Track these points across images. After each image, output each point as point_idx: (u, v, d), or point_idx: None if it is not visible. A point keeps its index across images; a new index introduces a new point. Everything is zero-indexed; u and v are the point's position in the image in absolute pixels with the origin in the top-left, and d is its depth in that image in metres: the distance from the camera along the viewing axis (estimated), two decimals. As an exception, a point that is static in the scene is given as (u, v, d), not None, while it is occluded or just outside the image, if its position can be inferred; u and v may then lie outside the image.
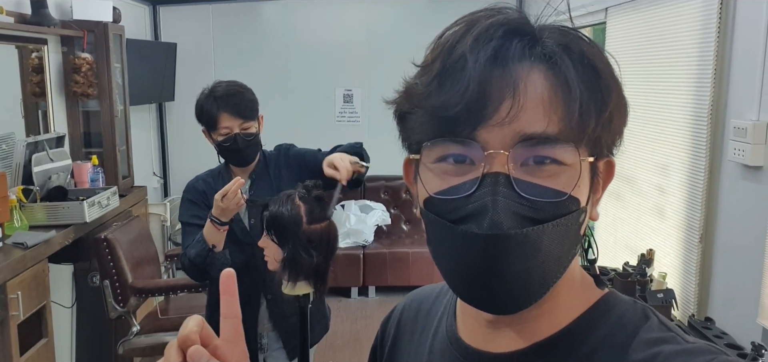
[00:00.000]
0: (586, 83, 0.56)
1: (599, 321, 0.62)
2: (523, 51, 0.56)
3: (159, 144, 5.55)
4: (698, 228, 2.60)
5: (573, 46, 0.57)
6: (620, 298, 0.65)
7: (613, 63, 0.60)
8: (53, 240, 2.93)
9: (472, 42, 0.56)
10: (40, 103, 3.60)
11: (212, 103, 2.13)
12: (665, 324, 0.61)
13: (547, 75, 0.56)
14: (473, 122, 0.55)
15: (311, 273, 1.89)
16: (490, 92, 0.55)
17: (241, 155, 2.17)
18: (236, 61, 5.36)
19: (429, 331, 0.76)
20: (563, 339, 0.62)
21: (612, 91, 0.58)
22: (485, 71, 0.55)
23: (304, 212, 1.89)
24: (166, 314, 3.32)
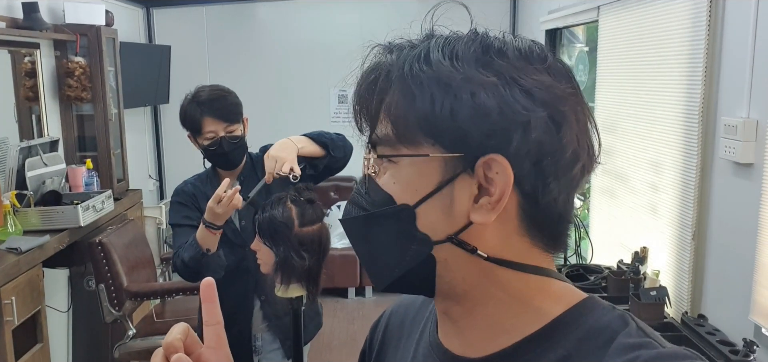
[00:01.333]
0: (405, 87, 0.61)
1: (575, 325, 0.63)
2: (373, 82, 0.66)
3: (154, 146, 5.55)
4: (691, 226, 2.61)
5: (404, 61, 0.64)
6: (599, 303, 0.65)
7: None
8: (48, 245, 2.93)
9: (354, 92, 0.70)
10: (33, 107, 3.60)
11: (196, 108, 2.14)
12: (643, 330, 0.61)
13: (381, 96, 0.63)
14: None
15: (304, 276, 1.90)
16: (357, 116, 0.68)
17: (228, 158, 2.18)
18: (231, 63, 5.36)
19: (413, 338, 0.77)
20: (537, 341, 0.63)
21: (448, 86, 0.59)
22: (356, 105, 0.68)
23: (296, 215, 1.90)
24: (162, 317, 3.33)
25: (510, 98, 0.57)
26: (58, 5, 3.78)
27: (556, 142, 0.58)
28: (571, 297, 0.65)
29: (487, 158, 0.58)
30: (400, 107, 0.60)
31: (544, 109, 0.58)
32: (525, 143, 0.57)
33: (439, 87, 0.58)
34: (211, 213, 1.98)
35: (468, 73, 0.58)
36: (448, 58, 0.59)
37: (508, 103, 0.57)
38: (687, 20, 2.67)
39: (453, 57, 0.59)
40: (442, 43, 0.62)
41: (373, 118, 0.63)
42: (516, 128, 0.57)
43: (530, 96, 0.58)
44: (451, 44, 0.61)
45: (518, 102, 0.57)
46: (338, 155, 2.17)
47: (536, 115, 0.57)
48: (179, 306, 3.50)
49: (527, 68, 0.59)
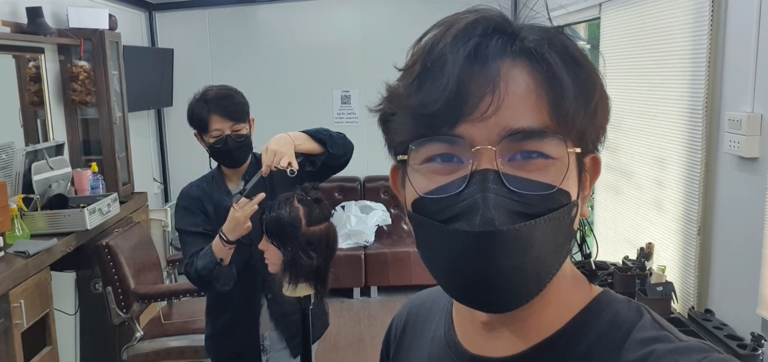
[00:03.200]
0: (572, 76, 0.56)
1: (594, 321, 0.62)
2: (504, 47, 0.56)
3: (158, 149, 5.57)
4: (696, 221, 2.61)
5: (555, 41, 0.57)
6: (614, 297, 0.64)
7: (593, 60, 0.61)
8: (55, 249, 2.94)
9: (451, 41, 0.56)
10: (38, 111, 3.62)
11: (203, 106, 2.16)
12: (658, 322, 0.61)
13: (531, 69, 0.56)
14: (453, 119, 0.55)
15: (312, 275, 1.90)
16: (469, 88, 0.55)
17: (232, 156, 2.19)
18: (233, 65, 5.38)
19: (427, 336, 0.76)
20: (559, 341, 0.62)
21: (596, 84, 0.58)
22: (464, 68, 0.55)
23: (303, 214, 1.90)
24: (170, 319, 3.34)
25: (607, 96, 0.60)
26: (62, 10, 3.79)
27: (608, 118, 0.62)
28: (586, 291, 0.65)
29: (594, 156, 0.61)
30: (563, 98, 0.56)
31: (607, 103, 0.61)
32: (603, 135, 0.61)
33: (593, 86, 0.58)
34: (231, 220, 1.99)
35: (599, 76, 0.59)
36: (583, 56, 0.59)
37: (608, 101, 0.60)
38: (690, 15, 2.67)
39: (582, 57, 0.59)
40: (568, 38, 0.60)
41: (516, 97, 0.56)
42: (605, 122, 0.61)
43: (602, 85, 0.60)
44: (571, 40, 0.59)
45: (606, 95, 0.60)
46: (337, 152, 2.17)
47: (608, 109, 0.61)
48: (186, 308, 3.51)
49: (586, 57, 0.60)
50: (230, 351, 2.27)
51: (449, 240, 0.55)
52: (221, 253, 2.04)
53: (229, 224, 2.00)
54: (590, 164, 0.62)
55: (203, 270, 2.06)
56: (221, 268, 2.07)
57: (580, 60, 0.58)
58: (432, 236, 0.58)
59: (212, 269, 2.05)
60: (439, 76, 0.56)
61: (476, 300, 0.58)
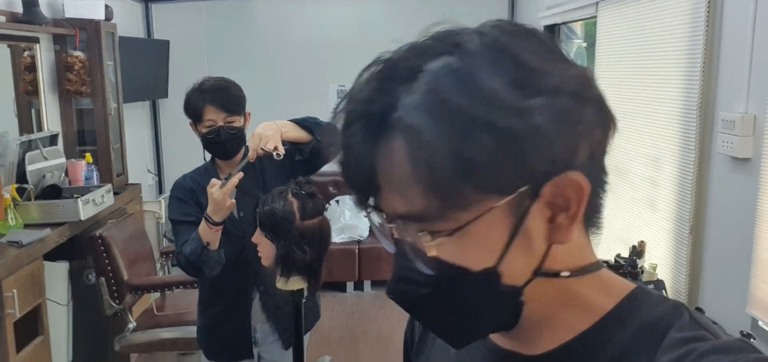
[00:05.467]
0: (450, 136, 0.50)
1: (628, 319, 0.59)
2: (371, 135, 0.54)
3: (153, 141, 5.56)
4: (688, 220, 2.62)
5: (430, 101, 0.51)
6: (649, 294, 0.61)
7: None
8: (48, 239, 2.94)
9: (342, 132, 0.56)
10: (32, 101, 3.60)
11: (198, 96, 2.17)
12: (697, 321, 0.58)
13: (404, 145, 0.52)
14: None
15: (304, 269, 1.91)
16: (354, 185, 0.56)
17: (225, 148, 2.19)
18: (229, 58, 5.36)
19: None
20: (590, 339, 0.60)
21: (490, 124, 0.50)
22: (344, 167, 0.56)
23: (297, 208, 1.91)
24: (163, 310, 3.34)
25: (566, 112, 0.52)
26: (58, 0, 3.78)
27: (604, 130, 0.55)
28: (620, 288, 0.62)
29: (555, 180, 0.53)
30: (437, 169, 0.51)
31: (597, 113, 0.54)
32: (588, 147, 0.53)
33: (477, 129, 0.50)
34: (212, 204, 2.00)
35: (509, 101, 0.50)
36: (499, 90, 0.51)
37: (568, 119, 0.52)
38: (686, 16, 2.68)
39: (478, 87, 0.51)
40: (466, 68, 0.51)
41: (390, 187, 0.54)
42: (577, 143, 0.53)
43: (581, 101, 0.53)
44: (467, 72, 0.51)
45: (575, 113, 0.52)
46: (326, 140, 2.18)
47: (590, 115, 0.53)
48: (179, 299, 3.51)
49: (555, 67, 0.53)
50: (222, 342, 2.27)
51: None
52: (208, 237, 2.05)
53: (210, 205, 2.01)
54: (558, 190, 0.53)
55: (191, 255, 2.07)
56: (208, 252, 2.07)
57: (462, 108, 0.50)
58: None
59: (200, 254, 2.06)
60: (344, 163, 0.57)
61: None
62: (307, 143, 2.16)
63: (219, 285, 2.22)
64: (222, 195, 1.98)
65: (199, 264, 2.07)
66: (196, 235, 2.06)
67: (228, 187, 2.00)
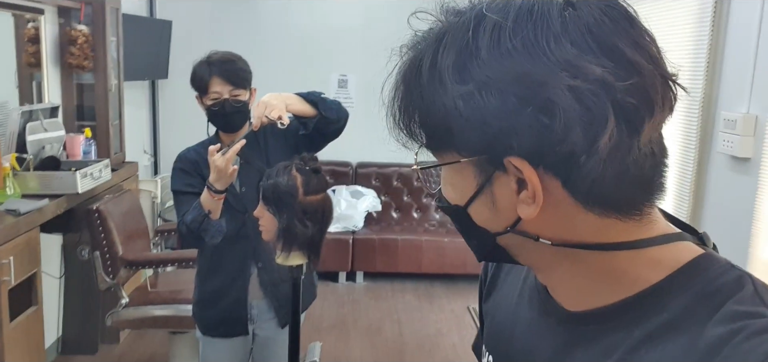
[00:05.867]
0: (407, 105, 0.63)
1: (681, 289, 0.59)
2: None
3: (150, 121, 5.54)
4: (685, 219, 2.64)
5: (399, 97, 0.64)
6: (714, 262, 0.60)
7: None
8: (46, 209, 2.93)
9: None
10: (34, 73, 3.58)
11: (205, 68, 2.17)
12: (761, 295, 0.56)
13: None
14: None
15: (305, 244, 1.91)
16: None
17: (229, 120, 2.19)
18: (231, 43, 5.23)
19: (519, 274, 0.79)
20: (634, 306, 0.61)
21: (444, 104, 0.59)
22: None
23: (301, 183, 1.91)
24: (155, 288, 3.33)
25: (486, 105, 0.56)
26: (63, -28, 3.76)
27: (556, 131, 0.54)
28: (674, 261, 0.61)
29: (508, 159, 0.57)
30: (427, 119, 0.61)
31: (524, 107, 0.55)
32: (523, 143, 0.56)
33: (433, 103, 0.59)
34: (214, 171, 2.00)
35: (450, 87, 0.58)
36: (434, 69, 0.59)
37: (487, 111, 0.56)
38: (692, 15, 2.70)
39: (435, 66, 0.59)
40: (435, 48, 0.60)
41: (412, 135, 0.64)
42: (503, 133, 0.56)
43: (504, 95, 0.55)
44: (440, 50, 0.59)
45: (494, 108, 0.56)
46: (331, 116, 2.18)
47: (517, 117, 0.55)
48: (172, 278, 3.51)
49: (503, 58, 0.56)
50: (217, 317, 2.27)
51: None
52: (210, 205, 2.05)
53: (212, 173, 2.02)
54: (515, 169, 0.58)
55: (192, 223, 2.07)
56: (210, 221, 2.07)
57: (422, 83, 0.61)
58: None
59: (201, 222, 2.06)
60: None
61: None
62: (312, 118, 2.16)
63: (217, 260, 2.22)
64: (224, 162, 1.99)
65: (200, 232, 2.07)
66: (198, 204, 2.06)
67: (230, 154, 2.00)
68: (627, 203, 0.60)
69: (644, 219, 0.61)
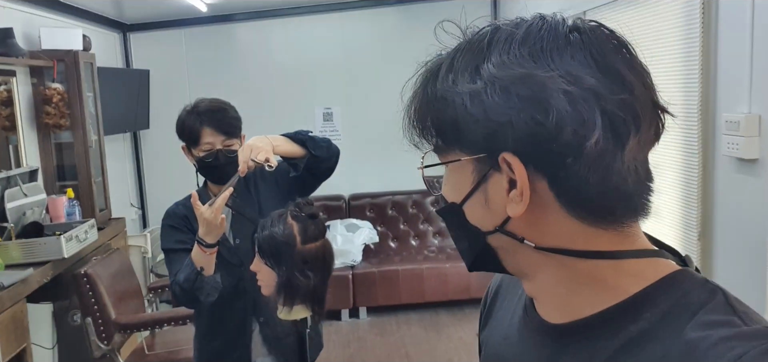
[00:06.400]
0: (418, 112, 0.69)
1: (658, 300, 0.63)
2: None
3: (135, 173, 5.42)
4: (696, 226, 2.56)
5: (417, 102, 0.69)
6: (689, 277, 0.65)
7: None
8: (30, 279, 2.80)
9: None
10: (10, 136, 3.47)
11: (195, 118, 2.08)
12: (732, 306, 0.60)
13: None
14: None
15: (308, 296, 1.81)
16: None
17: (223, 171, 2.09)
18: (211, 85, 5.22)
19: (516, 296, 0.82)
20: (613, 316, 0.64)
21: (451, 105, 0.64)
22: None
23: (298, 231, 1.81)
24: (153, 349, 3.20)
25: (490, 101, 0.61)
26: (34, 31, 3.67)
27: (549, 129, 0.59)
28: (653, 273, 0.64)
29: (502, 156, 0.62)
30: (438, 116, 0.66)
31: (523, 104, 0.60)
32: (519, 139, 0.60)
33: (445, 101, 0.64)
34: (203, 225, 1.89)
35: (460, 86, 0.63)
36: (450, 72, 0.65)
37: (490, 107, 0.61)
38: (679, 18, 2.64)
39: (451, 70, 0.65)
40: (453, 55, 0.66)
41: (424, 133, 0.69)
42: (502, 128, 0.61)
43: (507, 93, 0.60)
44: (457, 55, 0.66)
45: (497, 104, 0.60)
46: (321, 155, 2.08)
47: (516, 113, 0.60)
48: (169, 337, 3.37)
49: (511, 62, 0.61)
50: None
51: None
52: (201, 261, 1.93)
53: (201, 226, 1.90)
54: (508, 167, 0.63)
55: (185, 282, 1.95)
56: (203, 278, 1.96)
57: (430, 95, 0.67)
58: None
59: (194, 280, 1.94)
60: None
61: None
62: (301, 158, 2.06)
63: (217, 318, 2.11)
64: (212, 213, 1.88)
65: (195, 291, 1.95)
66: (189, 261, 1.95)
67: (218, 203, 1.89)
68: (609, 212, 0.63)
69: (626, 232, 0.65)
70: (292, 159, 2.07)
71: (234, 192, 2.16)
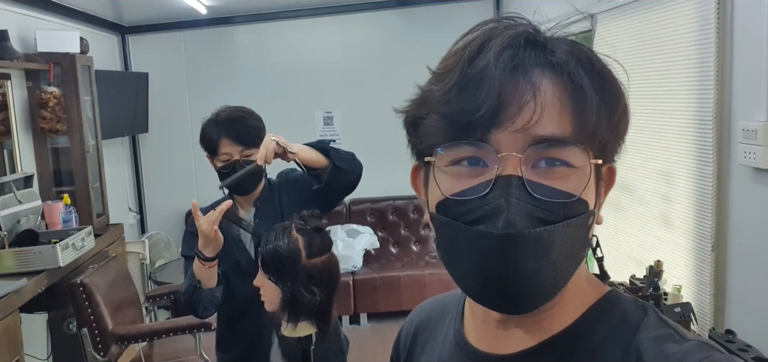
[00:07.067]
0: (597, 89, 0.60)
1: (603, 318, 0.65)
2: (538, 59, 0.59)
3: (134, 178, 5.34)
4: (710, 237, 2.49)
5: (581, 54, 0.61)
6: (621, 295, 0.68)
7: (616, 72, 0.63)
8: (25, 289, 2.72)
9: (495, 53, 0.58)
10: (4, 141, 3.39)
11: (214, 128, 2.04)
12: (663, 320, 0.64)
13: (558, 81, 0.59)
14: (488, 126, 0.58)
15: (313, 312, 1.73)
16: (510, 98, 0.58)
17: (241, 183, 2.03)
18: (210, 88, 5.17)
19: (438, 340, 0.78)
20: (568, 337, 0.65)
21: (619, 98, 0.62)
22: (504, 78, 0.57)
23: (303, 245, 1.74)
24: (151, 360, 3.12)
25: (628, 109, 0.63)
26: (30, 33, 3.59)
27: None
28: (596, 289, 0.68)
29: (610, 166, 0.64)
30: (587, 109, 0.59)
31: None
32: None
33: (616, 99, 0.61)
34: (201, 237, 1.83)
35: (622, 88, 0.62)
36: (608, 71, 0.62)
37: (628, 114, 0.63)
38: (693, 22, 2.57)
39: (606, 71, 0.62)
40: (593, 52, 0.63)
41: (547, 107, 0.58)
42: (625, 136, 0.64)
43: (626, 107, 0.63)
44: (595, 54, 0.63)
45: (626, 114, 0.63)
46: (345, 167, 2.01)
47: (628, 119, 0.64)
48: (168, 347, 3.29)
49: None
50: None
51: (473, 241, 0.58)
52: (200, 274, 1.89)
53: (199, 239, 1.85)
54: (606, 174, 0.65)
55: (185, 294, 1.93)
56: (200, 291, 1.91)
57: (604, 74, 0.61)
58: (456, 237, 0.61)
59: (191, 292, 1.91)
60: (480, 85, 0.58)
61: (495, 301, 0.61)
62: (324, 168, 1.99)
63: (235, 329, 2.08)
64: (208, 225, 1.82)
65: (193, 303, 1.92)
66: (191, 272, 1.91)
67: (216, 215, 1.82)
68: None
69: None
70: (314, 169, 2.00)
71: (258, 201, 2.10)
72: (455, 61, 0.61)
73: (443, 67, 0.62)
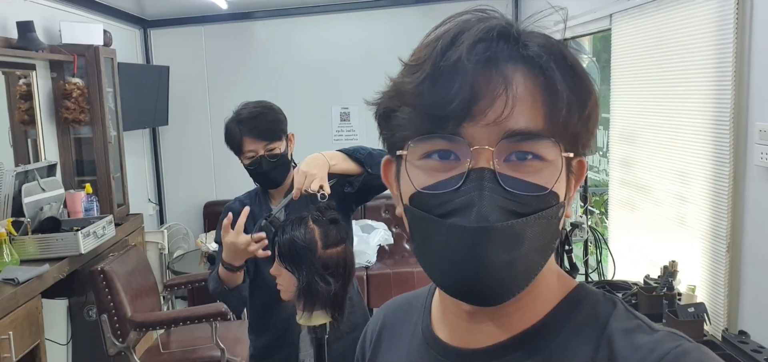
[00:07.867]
0: (569, 84, 0.59)
1: (573, 311, 0.66)
2: (511, 52, 0.59)
3: (153, 169, 5.41)
4: (725, 237, 2.48)
5: (554, 49, 0.60)
6: (590, 289, 0.69)
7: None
8: (46, 275, 2.78)
9: (468, 45, 0.58)
10: (29, 131, 3.46)
11: (236, 126, 2.08)
12: (631, 312, 0.65)
13: (530, 75, 0.59)
14: (460, 119, 0.58)
15: (328, 302, 1.76)
16: (482, 91, 0.57)
17: (268, 177, 2.09)
18: (230, 82, 5.23)
19: (406, 337, 0.78)
20: (539, 331, 0.65)
21: (590, 93, 0.62)
22: (477, 71, 0.57)
23: (319, 236, 1.76)
24: (168, 348, 3.17)
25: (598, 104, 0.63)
26: (55, 25, 3.66)
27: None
28: (565, 283, 0.69)
29: (580, 160, 0.64)
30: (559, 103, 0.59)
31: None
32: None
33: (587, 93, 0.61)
34: (226, 247, 1.88)
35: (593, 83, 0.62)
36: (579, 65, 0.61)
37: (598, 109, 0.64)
38: (712, 22, 2.56)
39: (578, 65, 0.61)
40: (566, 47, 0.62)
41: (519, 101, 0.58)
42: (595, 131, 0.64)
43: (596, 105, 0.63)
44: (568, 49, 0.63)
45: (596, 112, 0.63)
46: (377, 172, 2.04)
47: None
48: (185, 335, 3.35)
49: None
50: None
51: (445, 234, 0.59)
52: (229, 280, 1.95)
53: (225, 251, 1.90)
54: (576, 167, 0.65)
55: (213, 292, 2.00)
56: (228, 294, 1.97)
57: (576, 68, 0.61)
58: (427, 230, 0.61)
59: (219, 293, 1.98)
60: (453, 78, 0.58)
61: (468, 293, 0.61)
62: (358, 175, 2.02)
63: (266, 316, 2.13)
64: (237, 239, 1.86)
65: (222, 300, 2.02)
66: (216, 275, 1.96)
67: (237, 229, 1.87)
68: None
69: None
70: (348, 176, 2.04)
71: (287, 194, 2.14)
72: (428, 52, 0.60)
73: (415, 58, 0.62)
